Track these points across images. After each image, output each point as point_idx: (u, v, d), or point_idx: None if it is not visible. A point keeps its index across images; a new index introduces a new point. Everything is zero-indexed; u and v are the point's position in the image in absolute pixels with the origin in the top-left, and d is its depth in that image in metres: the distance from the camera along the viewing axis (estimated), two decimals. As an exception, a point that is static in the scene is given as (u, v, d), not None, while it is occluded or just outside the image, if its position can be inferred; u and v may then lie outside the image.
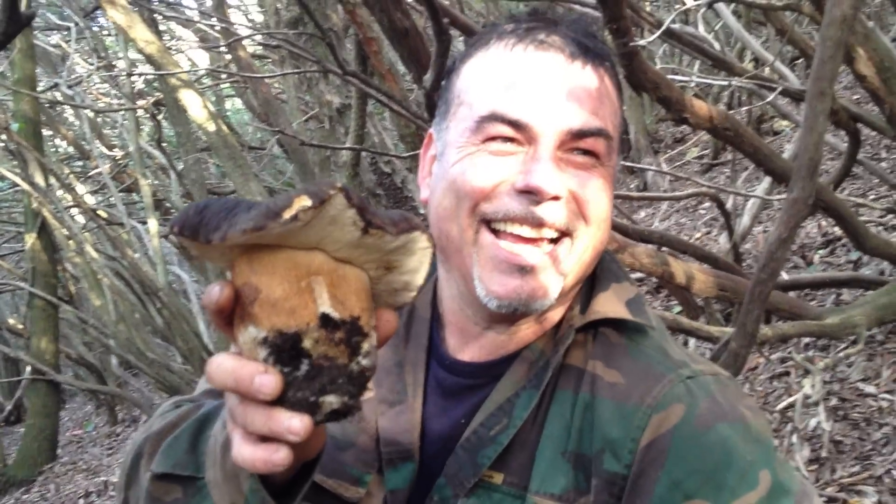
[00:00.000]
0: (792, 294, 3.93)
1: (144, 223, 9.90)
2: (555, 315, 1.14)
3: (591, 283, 1.16)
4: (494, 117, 1.05)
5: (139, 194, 9.92)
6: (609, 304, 1.11)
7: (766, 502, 0.94)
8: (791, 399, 3.37)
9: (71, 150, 12.57)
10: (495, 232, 1.06)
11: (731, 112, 4.52)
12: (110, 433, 9.55)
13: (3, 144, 10.43)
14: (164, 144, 9.40)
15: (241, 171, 6.21)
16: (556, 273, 1.06)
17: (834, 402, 3.44)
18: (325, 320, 0.75)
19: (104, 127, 12.46)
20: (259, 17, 11.75)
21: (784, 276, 3.70)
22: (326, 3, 6.08)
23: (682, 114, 2.95)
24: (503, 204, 1.05)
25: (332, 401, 0.76)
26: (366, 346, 0.78)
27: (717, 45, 4.04)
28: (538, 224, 1.04)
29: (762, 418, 1.04)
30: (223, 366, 0.76)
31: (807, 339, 3.95)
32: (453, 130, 1.11)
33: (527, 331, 1.13)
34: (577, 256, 1.08)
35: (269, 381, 0.73)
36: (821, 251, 4.99)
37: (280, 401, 0.75)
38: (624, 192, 6.47)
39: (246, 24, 10.13)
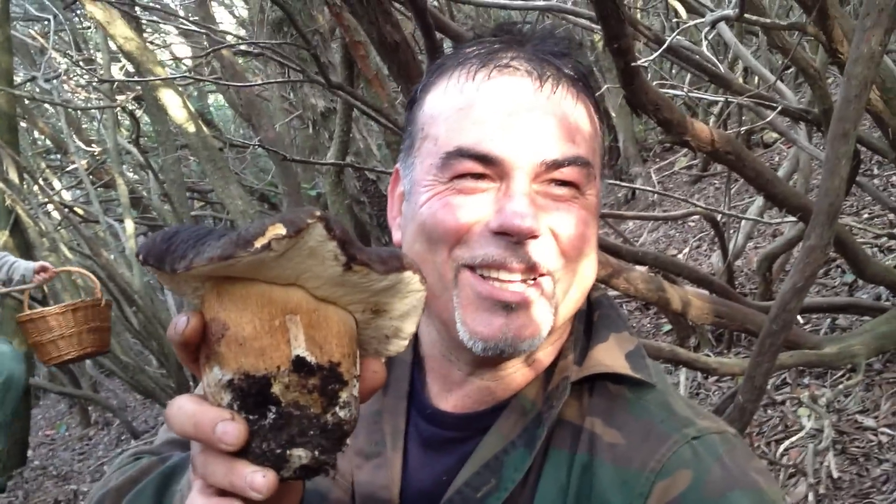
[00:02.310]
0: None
1: (122, 221, 9.71)
2: (545, 358, 1.03)
3: (588, 330, 1.06)
4: (461, 153, 0.95)
5: (117, 191, 9.74)
6: (608, 357, 1.01)
7: None
8: (795, 438, 3.25)
9: (49, 143, 12.36)
10: (475, 271, 0.96)
11: (727, 131, 4.41)
12: (82, 436, 9.36)
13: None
14: (142, 141, 9.20)
15: (220, 174, 6.04)
16: (544, 309, 0.96)
17: (832, 435, 3.33)
18: (299, 364, 0.67)
19: (83, 121, 12.24)
20: (244, 13, 11.57)
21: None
22: (313, 3, 5.92)
23: (683, 136, 2.82)
24: (480, 247, 0.94)
25: (301, 455, 0.67)
26: (344, 395, 0.69)
27: (710, 57, 3.93)
28: (517, 269, 0.94)
29: (774, 483, 0.94)
30: (183, 409, 0.68)
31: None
32: (419, 167, 1.01)
33: (515, 375, 1.02)
34: (563, 295, 0.98)
35: (231, 429, 0.65)
36: (814, 271, 4.89)
37: (244, 452, 0.67)
38: (613, 207, 6.38)
39: (230, 23, 9.96)
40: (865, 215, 5.26)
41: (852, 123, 1.65)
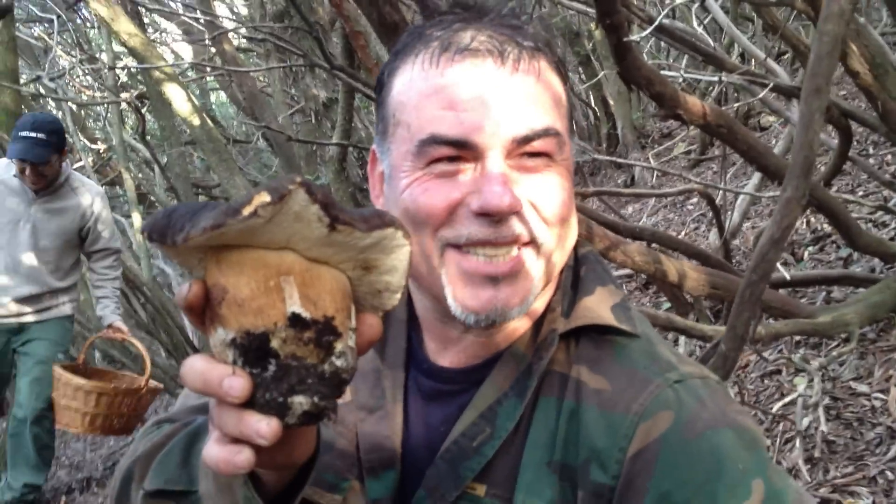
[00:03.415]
0: (782, 292, 3.91)
1: (128, 217, 9.81)
2: (535, 312, 1.10)
3: (575, 284, 1.12)
4: (434, 140, 1.00)
5: (122, 188, 9.83)
6: (594, 310, 1.07)
7: (770, 502, 0.91)
8: (788, 399, 3.34)
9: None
10: (460, 249, 1.02)
11: (723, 108, 4.49)
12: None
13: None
14: (147, 138, 9.30)
15: (225, 166, 6.14)
16: (531, 276, 1.02)
17: (826, 401, 3.41)
18: (295, 320, 0.73)
19: (87, 119, 12.34)
20: (244, 11, 11.66)
21: (783, 272, 3.67)
22: (313, -5, 6.01)
23: (676, 110, 2.92)
24: (464, 227, 1.00)
25: (301, 401, 0.73)
26: (339, 346, 0.75)
27: (703, 36, 4.00)
28: (502, 243, 1.00)
29: (753, 423, 1.00)
30: (194, 367, 0.75)
31: (798, 337, 3.93)
32: (395, 153, 1.06)
33: (507, 331, 1.09)
34: (547, 259, 1.04)
35: (236, 383, 0.72)
36: (810, 248, 4.97)
37: (251, 403, 0.73)
38: (612, 187, 6.45)
39: (230, 18, 10.04)
40: (861, 192, 5.34)
41: (824, 79, 1.74)
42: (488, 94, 1.00)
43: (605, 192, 4.41)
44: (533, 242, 1.02)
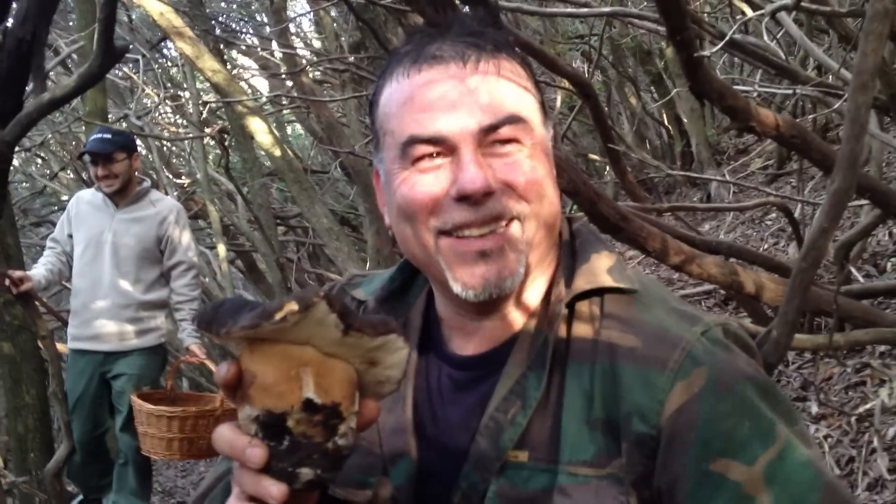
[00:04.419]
0: (865, 303, 3.87)
1: (213, 248, 10.13)
2: (539, 291, 1.21)
3: (573, 256, 1.23)
4: (413, 140, 1.13)
5: (206, 220, 10.16)
6: (592, 275, 1.18)
7: (782, 454, 1.02)
8: (869, 406, 3.31)
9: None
10: (451, 235, 1.14)
11: (797, 121, 4.46)
12: (183, 455, 9.71)
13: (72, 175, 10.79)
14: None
15: (306, 195, 6.34)
16: (515, 250, 1.13)
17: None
18: (308, 404, 0.89)
19: (171, 157, 12.79)
20: (317, 44, 11.98)
21: (861, 280, 3.64)
22: (386, 27, 6.18)
23: (749, 122, 2.94)
24: (448, 214, 1.12)
25: (307, 472, 0.90)
26: (342, 427, 0.92)
27: (775, 49, 4.01)
28: (483, 223, 1.11)
29: (763, 371, 1.11)
30: (223, 436, 0.94)
31: (882, 348, 3.88)
32: (387, 160, 1.20)
33: (517, 312, 1.20)
34: (532, 233, 1.14)
35: (256, 453, 0.90)
36: (893, 259, 4.90)
37: (267, 469, 0.90)
38: (688, 204, 6.43)
39: (307, 51, 10.34)
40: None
41: (870, 75, 1.87)
42: (453, 92, 1.13)
43: (681, 208, 4.43)
44: (515, 219, 1.13)
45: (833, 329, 3.15)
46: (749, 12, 5.11)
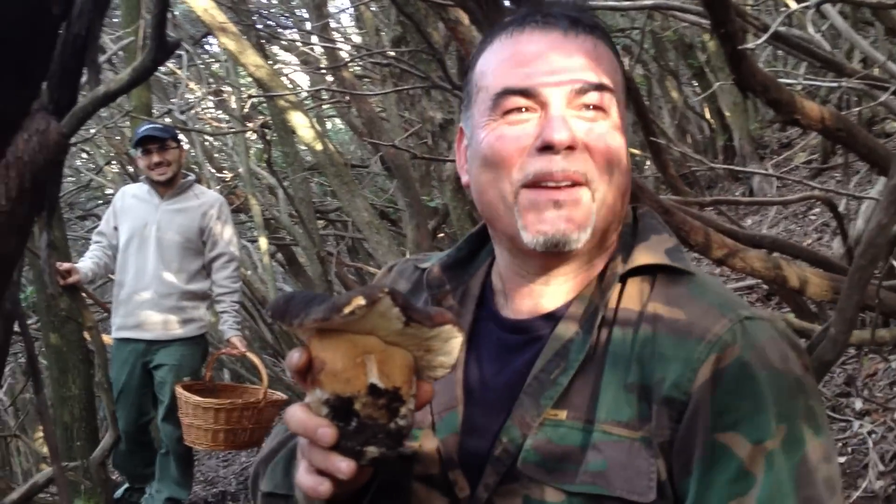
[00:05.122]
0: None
1: (254, 241, 10.23)
2: (598, 264, 1.25)
3: (633, 237, 1.27)
4: (507, 91, 1.19)
5: (248, 214, 10.27)
6: (649, 253, 1.22)
7: (786, 446, 1.04)
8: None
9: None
10: (530, 187, 1.19)
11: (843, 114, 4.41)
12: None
13: (117, 169, 10.97)
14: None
15: (347, 188, 6.38)
16: (586, 212, 1.18)
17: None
18: (373, 389, 0.98)
19: (214, 151, 12.94)
20: (357, 39, 12.04)
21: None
22: (427, 21, 6.20)
23: (793, 115, 2.93)
24: (530, 165, 1.17)
25: (372, 451, 0.98)
26: (403, 409, 1.00)
27: (820, 41, 3.96)
28: (562, 177, 1.16)
29: (809, 374, 1.13)
30: (295, 416, 1.01)
31: (929, 344, 3.82)
32: (476, 115, 1.26)
33: (574, 280, 1.25)
34: (601, 200, 1.19)
35: (327, 433, 0.97)
36: (941, 254, 4.81)
37: (335, 447, 0.98)
38: (731, 197, 6.37)
39: (348, 46, 10.39)
40: None
41: None
42: (552, 52, 1.20)
43: (724, 201, 4.40)
44: (588, 184, 1.17)
45: (876, 324, 3.12)
46: (793, 4, 5.05)
